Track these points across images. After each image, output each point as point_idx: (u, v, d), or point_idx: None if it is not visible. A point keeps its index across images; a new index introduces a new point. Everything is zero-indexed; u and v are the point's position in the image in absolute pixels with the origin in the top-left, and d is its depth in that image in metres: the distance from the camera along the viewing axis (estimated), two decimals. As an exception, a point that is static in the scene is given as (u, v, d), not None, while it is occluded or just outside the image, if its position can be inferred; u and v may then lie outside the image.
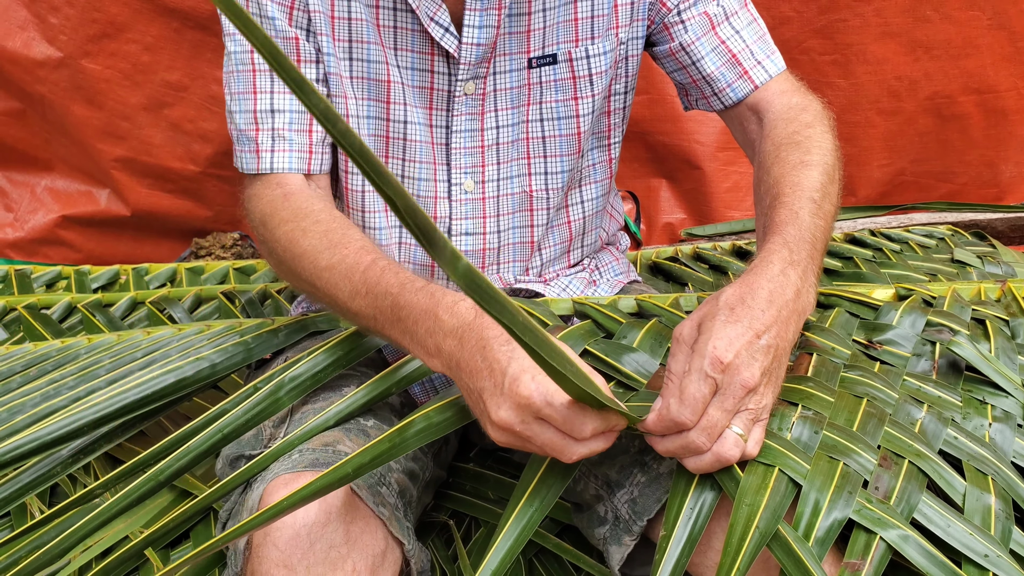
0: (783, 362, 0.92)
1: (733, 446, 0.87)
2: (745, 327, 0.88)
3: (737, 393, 0.86)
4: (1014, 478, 0.92)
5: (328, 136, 1.21)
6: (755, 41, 1.28)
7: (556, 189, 1.31)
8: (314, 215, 1.13)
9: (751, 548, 0.82)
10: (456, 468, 1.36)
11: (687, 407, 0.86)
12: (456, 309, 0.95)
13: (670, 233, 2.52)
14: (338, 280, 1.06)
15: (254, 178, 1.21)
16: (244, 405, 1.06)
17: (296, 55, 1.20)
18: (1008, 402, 1.03)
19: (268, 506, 0.97)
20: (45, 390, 1.21)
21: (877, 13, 2.32)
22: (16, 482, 1.14)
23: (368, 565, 0.98)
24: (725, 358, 0.86)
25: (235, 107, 1.21)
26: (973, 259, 1.82)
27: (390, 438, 0.93)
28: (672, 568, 0.84)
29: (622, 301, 1.18)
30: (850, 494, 0.86)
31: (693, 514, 0.88)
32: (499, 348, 0.89)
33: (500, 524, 0.89)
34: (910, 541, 0.83)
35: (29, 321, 1.70)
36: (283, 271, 1.16)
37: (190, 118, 2.41)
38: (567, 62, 1.26)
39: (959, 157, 2.48)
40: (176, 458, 1.03)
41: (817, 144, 1.15)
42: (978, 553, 0.83)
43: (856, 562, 0.82)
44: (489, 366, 0.89)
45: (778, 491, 0.86)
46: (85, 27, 2.29)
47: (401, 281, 1.01)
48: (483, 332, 0.91)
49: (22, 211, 2.53)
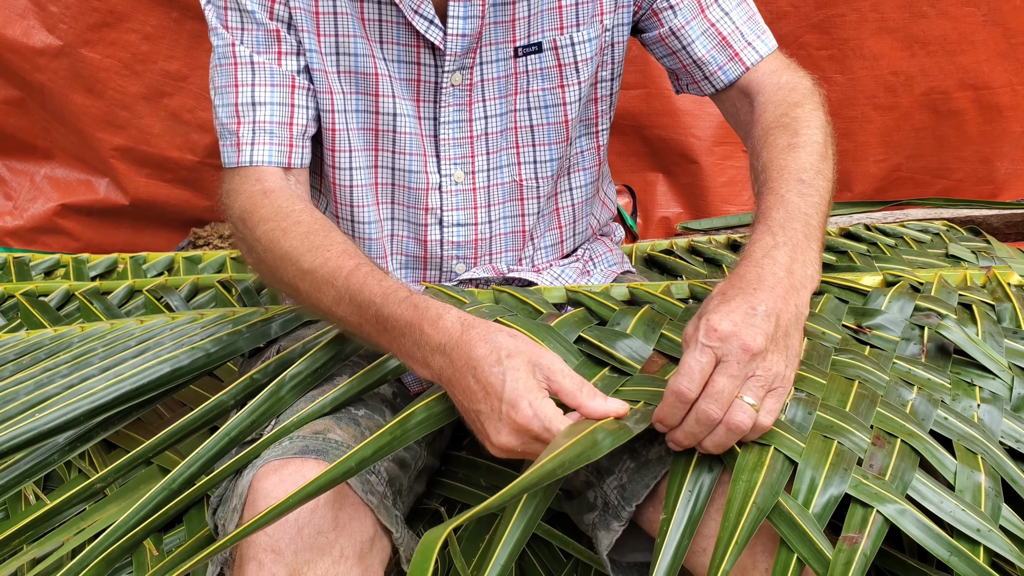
0: (792, 333, 0.92)
1: (742, 414, 0.87)
2: (739, 302, 0.90)
3: (740, 357, 0.87)
4: (1003, 457, 0.94)
5: (309, 130, 1.22)
6: (745, 21, 1.28)
7: (546, 177, 1.32)
8: (295, 215, 1.13)
9: (749, 523, 0.83)
10: (448, 456, 1.36)
11: (684, 376, 0.87)
12: (441, 324, 0.95)
13: (666, 227, 2.53)
14: (321, 284, 1.06)
15: (233, 173, 1.21)
16: (249, 406, 1.07)
17: (277, 46, 1.20)
18: (996, 384, 1.05)
19: (257, 493, 0.98)
20: (39, 378, 1.22)
21: (874, 8, 2.32)
22: (13, 470, 1.15)
23: (356, 551, 0.99)
24: (720, 326, 0.87)
25: (218, 101, 1.21)
26: (967, 254, 1.83)
27: (391, 430, 0.93)
28: (674, 551, 0.85)
29: (615, 289, 1.19)
30: (845, 471, 0.87)
31: (692, 496, 0.89)
32: (491, 370, 0.90)
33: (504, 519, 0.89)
34: (907, 515, 0.84)
35: (27, 308, 1.71)
36: (263, 271, 1.15)
37: (189, 108, 2.42)
38: (552, 50, 1.26)
39: (955, 153, 2.48)
40: (187, 466, 1.04)
41: (805, 123, 1.15)
42: (971, 528, 0.85)
43: (854, 535, 0.83)
44: (484, 389, 0.90)
45: (774, 468, 0.87)
46: (85, 16, 2.30)
47: (384, 290, 1.01)
48: (471, 352, 0.91)
49: (21, 199, 2.53)
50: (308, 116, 1.22)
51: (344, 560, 0.97)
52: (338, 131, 1.23)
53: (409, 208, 1.29)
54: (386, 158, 1.26)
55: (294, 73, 1.21)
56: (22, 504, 1.37)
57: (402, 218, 1.29)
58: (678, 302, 1.17)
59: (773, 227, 1.00)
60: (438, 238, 1.30)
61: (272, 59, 1.19)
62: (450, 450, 1.37)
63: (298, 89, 1.21)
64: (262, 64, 1.19)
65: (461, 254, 1.32)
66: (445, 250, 1.31)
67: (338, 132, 1.23)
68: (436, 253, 1.31)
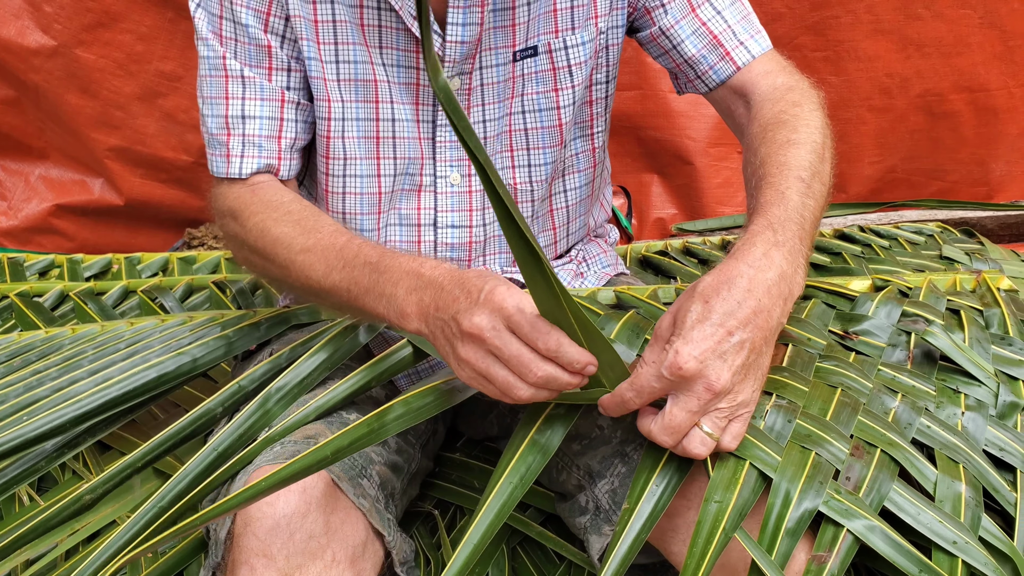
0: (764, 352, 0.90)
1: (699, 444, 0.87)
2: (716, 325, 0.86)
3: (702, 396, 0.86)
4: (985, 466, 0.93)
5: (298, 143, 1.23)
6: (738, 21, 1.26)
7: (540, 181, 1.32)
8: (284, 206, 1.15)
9: (717, 548, 0.83)
10: (442, 458, 1.37)
11: (633, 389, 0.88)
12: (441, 266, 0.97)
13: (661, 228, 2.53)
14: (313, 261, 1.07)
15: (222, 179, 1.23)
16: (236, 420, 1.07)
17: (268, 63, 1.21)
18: (981, 391, 1.04)
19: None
20: (28, 381, 1.22)
21: (869, 10, 2.33)
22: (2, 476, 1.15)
23: (348, 555, 0.99)
24: (685, 365, 0.84)
25: (207, 111, 1.22)
26: (961, 256, 1.83)
27: (368, 423, 0.94)
28: (631, 543, 0.85)
29: (601, 293, 1.19)
30: (821, 484, 0.87)
31: (659, 490, 0.89)
32: (477, 277, 0.91)
33: (482, 499, 0.90)
34: (876, 531, 0.84)
35: (21, 308, 1.71)
36: (255, 259, 1.17)
37: (184, 108, 2.42)
38: (547, 53, 1.26)
39: (950, 155, 2.49)
40: (176, 482, 1.04)
41: (805, 122, 1.13)
42: (947, 540, 0.84)
43: (823, 555, 0.83)
44: (467, 291, 0.91)
45: (748, 486, 0.87)
46: (80, 16, 2.30)
47: (380, 251, 1.03)
48: (464, 273, 0.93)
49: (16, 199, 2.53)
50: (297, 130, 1.23)
51: (336, 565, 0.97)
52: (333, 139, 1.23)
53: (403, 211, 1.29)
54: (387, 166, 1.26)
55: (283, 88, 1.21)
56: (15, 506, 1.38)
57: (396, 223, 1.29)
58: (664, 307, 1.17)
59: (774, 223, 0.96)
60: (432, 239, 1.30)
61: (263, 74, 1.20)
62: (444, 452, 1.38)
63: (287, 104, 1.22)
64: (252, 79, 1.20)
65: (455, 255, 1.32)
66: (439, 252, 1.31)
67: (332, 140, 1.23)
68: (430, 255, 1.32)
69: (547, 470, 1.18)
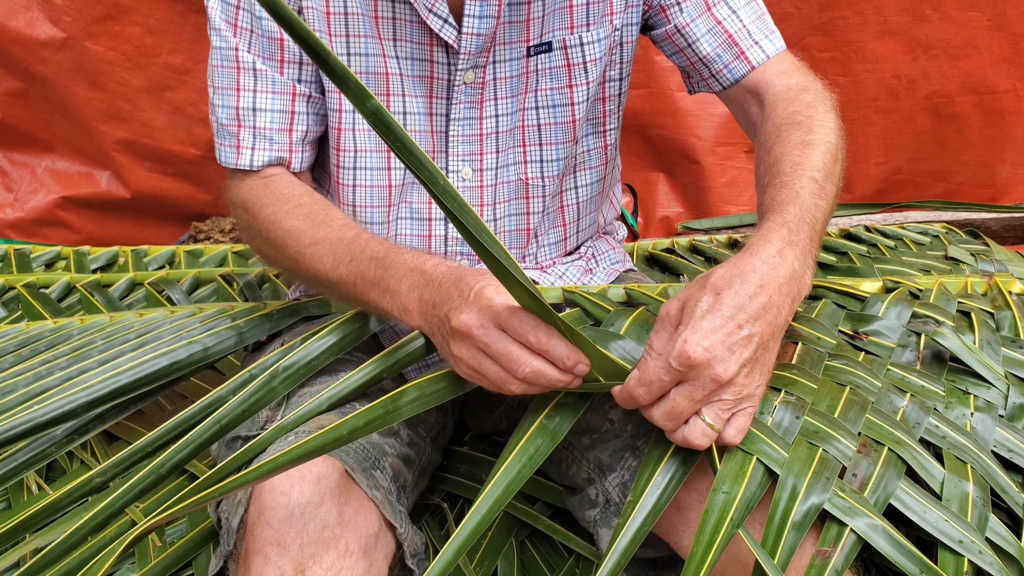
0: (771, 347, 0.91)
1: (701, 435, 0.88)
2: (726, 317, 0.87)
3: (707, 386, 0.86)
4: (993, 466, 0.94)
5: (309, 135, 1.24)
6: (753, 21, 1.27)
7: (552, 177, 1.32)
8: (296, 198, 1.16)
9: (723, 540, 0.83)
10: (451, 451, 1.37)
11: (643, 386, 0.88)
12: (443, 264, 1.00)
13: (667, 227, 2.54)
14: (322, 255, 1.09)
15: (234, 170, 1.24)
16: (240, 395, 1.07)
17: (280, 55, 1.21)
18: (991, 392, 1.04)
19: (263, 487, 0.98)
20: (38, 370, 1.22)
21: (877, 11, 2.33)
22: (11, 461, 1.15)
23: (361, 545, 0.99)
24: (694, 354, 0.85)
25: (218, 101, 1.22)
26: (966, 256, 1.83)
27: (383, 404, 0.94)
28: (634, 534, 0.86)
29: (611, 290, 1.19)
30: (828, 480, 0.87)
31: (663, 482, 0.89)
32: (472, 275, 0.94)
33: (490, 475, 0.91)
34: (878, 530, 0.84)
35: (28, 300, 1.71)
36: (267, 250, 1.18)
37: (192, 102, 2.42)
38: (562, 49, 1.26)
39: (956, 157, 2.49)
40: (176, 451, 1.04)
41: (820, 123, 1.13)
42: (952, 539, 0.85)
43: (827, 550, 0.83)
44: (460, 290, 0.94)
45: (755, 480, 0.87)
46: (89, 8, 2.30)
47: (387, 248, 1.05)
48: (461, 271, 0.96)
49: (22, 191, 2.54)
50: (308, 123, 1.24)
51: (349, 555, 0.98)
52: (343, 131, 1.24)
53: (414, 205, 1.29)
54: (397, 158, 1.26)
55: (295, 81, 1.22)
56: (24, 494, 1.38)
57: (406, 216, 1.30)
58: (675, 301, 1.18)
59: (789, 222, 0.96)
60: (442, 233, 1.31)
61: (275, 67, 1.21)
62: (453, 446, 1.38)
63: (299, 97, 1.22)
64: (264, 72, 1.20)
65: (464, 250, 1.32)
66: (449, 246, 1.31)
67: (343, 132, 1.24)
68: (440, 249, 1.32)
69: (557, 463, 1.19)
